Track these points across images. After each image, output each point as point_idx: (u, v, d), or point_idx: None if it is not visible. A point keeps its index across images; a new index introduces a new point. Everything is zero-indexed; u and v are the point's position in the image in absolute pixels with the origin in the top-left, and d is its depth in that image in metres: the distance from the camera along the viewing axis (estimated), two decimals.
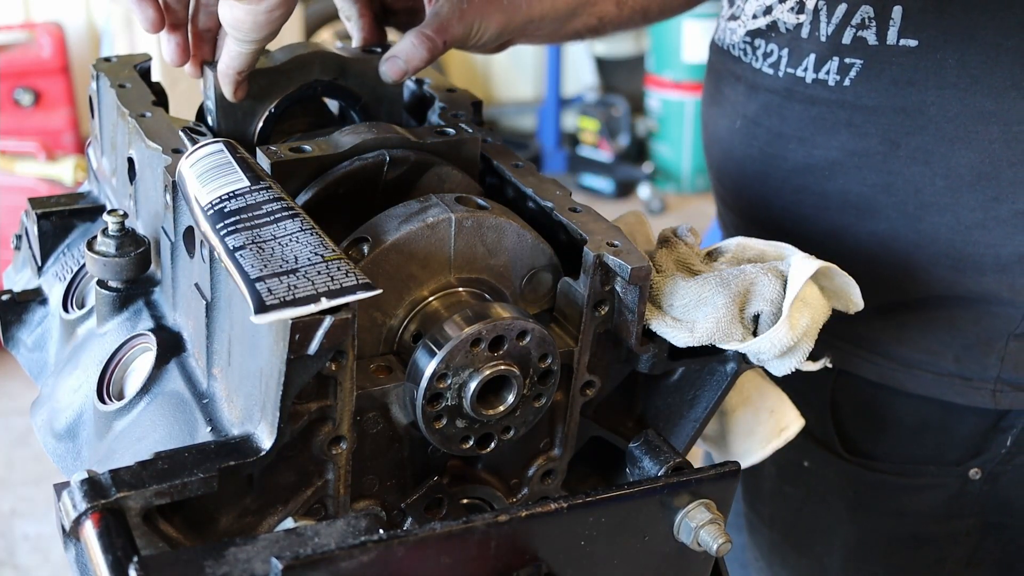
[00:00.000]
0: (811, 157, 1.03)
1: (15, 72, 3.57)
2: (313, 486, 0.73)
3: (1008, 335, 1.01)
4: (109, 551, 0.60)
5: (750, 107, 1.08)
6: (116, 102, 0.91)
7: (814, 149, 1.02)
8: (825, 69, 0.99)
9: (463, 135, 0.86)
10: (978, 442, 1.06)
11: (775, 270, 0.80)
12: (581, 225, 0.79)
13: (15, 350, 0.98)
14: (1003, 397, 1.03)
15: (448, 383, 0.72)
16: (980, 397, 1.04)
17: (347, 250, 0.75)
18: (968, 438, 1.06)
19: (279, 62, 0.90)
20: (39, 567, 2.62)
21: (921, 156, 0.97)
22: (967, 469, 1.07)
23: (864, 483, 1.12)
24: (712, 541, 0.72)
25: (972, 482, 1.07)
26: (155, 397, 0.77)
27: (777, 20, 1.03)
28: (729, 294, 0.78)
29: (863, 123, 0.99)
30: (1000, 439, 1.05)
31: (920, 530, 1.11)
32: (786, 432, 0.95)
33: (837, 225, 1.03)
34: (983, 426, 1.06)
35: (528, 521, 0.67)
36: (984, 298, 1.00)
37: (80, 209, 1.00)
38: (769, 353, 0.78)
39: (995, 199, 0.96)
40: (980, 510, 1.09)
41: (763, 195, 1.09)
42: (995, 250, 0.97)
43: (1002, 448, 1.06)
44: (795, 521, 1.18)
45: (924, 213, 0.98)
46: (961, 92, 0.94)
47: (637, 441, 0.81)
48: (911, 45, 0.94)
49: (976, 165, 0.95)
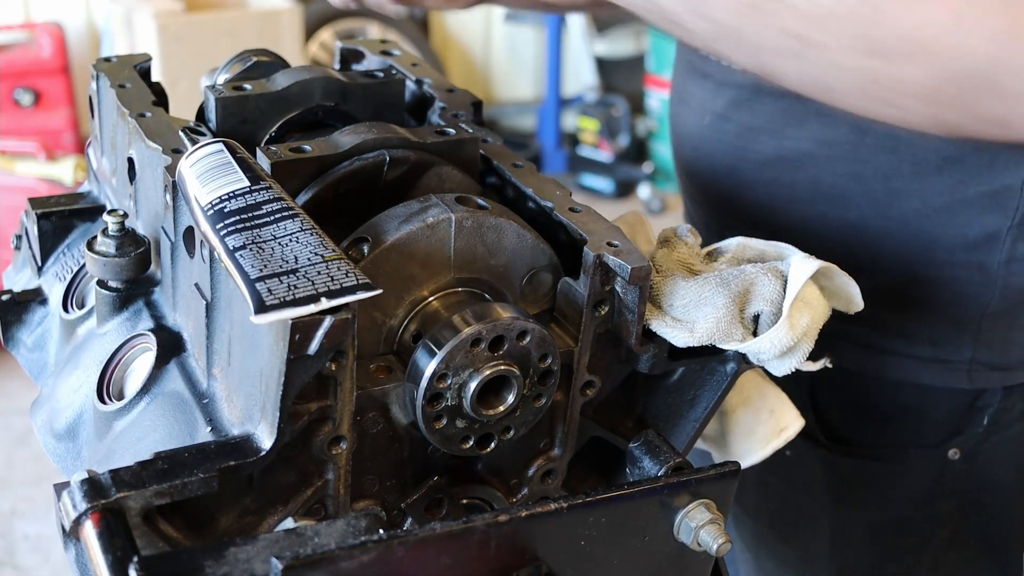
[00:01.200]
0: (782, 149, 1.04)
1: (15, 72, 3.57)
2: (313, 486, 0.73)
3: (981, 315, 1.03)
4: (109, 551, 0.60)
5: (718, 103, 1.09)
6: (116, 102, 0.91)
7: (784, 140, 1.04)
8: None
9: (463, 135, 0.86)
10: (956, 423, 1.08)
11: (775, 270, 0.80)
12: (581, 225, 0.79)
13: (15, 350, 0.98)
14: (979, 377, 1.06)
15: (448, 383, 0.72)
16: (956, 378, 1.06)
17: (347, 250, 0.75)
18: (946, 420, 1.08)
19: (280, 87, 0.90)
20: (39, 567, 2.62)
21: (888, 143, 0.99)
22: (946, 450, 1.09)
23: (846, 470, 1.13)
24: (712, 541, 0.72)
25: (951, 463, 1.09)
26: (155, 397, 0.77)
27: None
28: (729, 294, 0.78)
29: (831, 113, 0.99)
30: (977, 419, 1.08)
31: (903, 514, 1.13)
32: (786, 432, 0.96)
33: (808, 215, 1.05)
34: (960, 407, 1.08)
35: (528, 521, 0.67)
36: (955, 280, 1.02)
37: (80, 209, 1.00)
38: (769, 353, 0.78)
39: (961, 182, 0.98)
40: (960, 490, 1.11)
41: (734, 189, 1.10)
42: (963, 232, 1.00)
43: (979, 427, 1.08)
44: (779, 511, 1.19)
45: (893, 199, 1.00)
46: None
47: (637, 441, 0.81)
48: None
49: (942, 150, 0.97)
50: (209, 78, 0.96)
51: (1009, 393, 1.07)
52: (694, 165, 1.15)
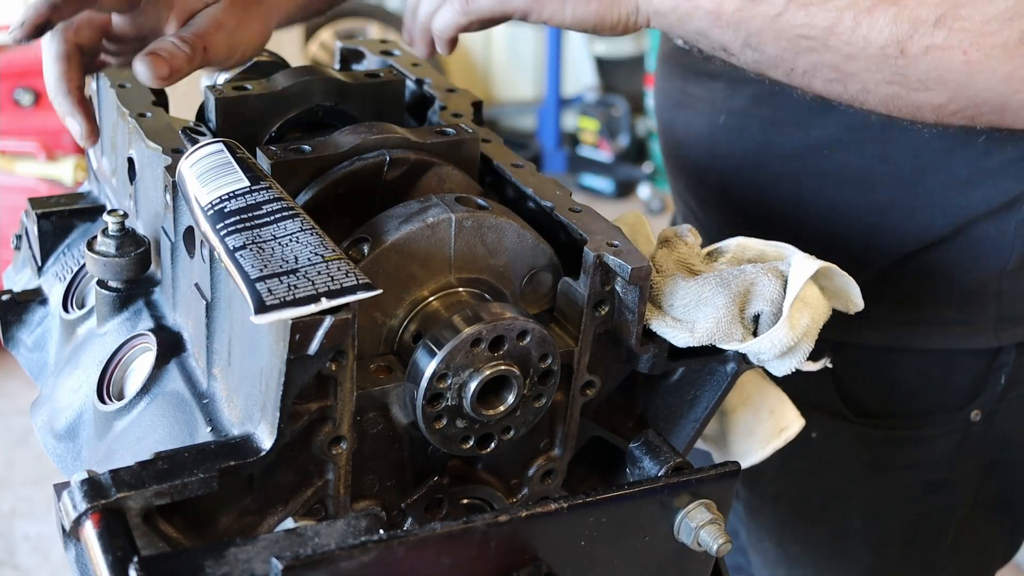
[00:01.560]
0: (808, 139, 1.05)
1: (15, 72, 3.56)
2: (313, 486, 0.73)
3: (1000, 274, 1.06)
4: (109, 551, 0.60)
5: (736, 101, 1.09)
6: (116, 102, 0.91)
7: (812, 130, 1.05)
8: None
9: (463, 135, 0.86)
10: (976, 385, 1.11)
11: (775, 270, 0.80)
12: (581, 225, 0.79)
13: (15, 350, 0.98)
14: (1004, 334, 1.09)
15: (448, 383, 0.72)
16: (983, 338, 1.09)
17: (347, 250, 0.75)
18: (967, 383, 1.12)
19: (280, 87, 0.90)
20: (39, 567, 2.62)
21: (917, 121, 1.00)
22: (968, 412, 1.12)
23: (875, 443, 1.16)
24: (712, 541, 0.72)
25: (973, 424, 1.12)
26: (155, 397, 0.77)
27: None
28: (729, 294, 0.78)
29: None
30: (995, 379, 1.11)
31: (931, 478, 1.16)
32: (786, 432, 0.96)
33: (836, 201, 1.06)
34: (979, 369, 1.11)
35: (528, 521, 0.67)
36: (976, 243, 1.05)
37: (80, 209, 1.00)
38: (769, 353, 0.78)
39: (987, 152, 1.01)
40: (980, 450, 1.14)
41: (758, 184, 1.11)
42: (987, 200, 1.02)
43: (997, 387, 1.11)
44: (804, 495, 1.21)
45: (921, 176, 1.02)
46: None
47: (637, 441, 0.81)
48: None
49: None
50: (209, 78, 0.96)
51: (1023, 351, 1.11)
52: (706, 167, 1.15)
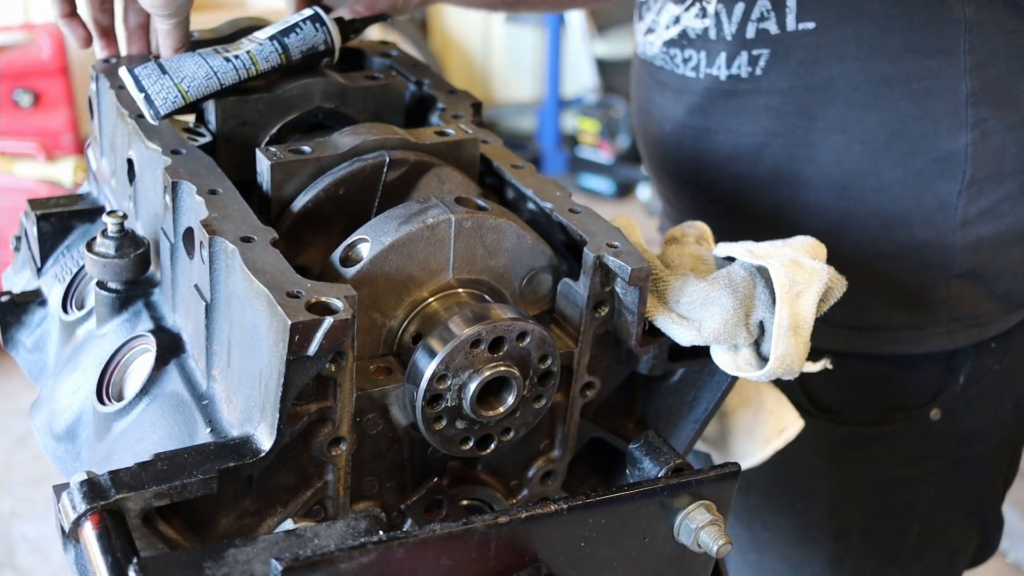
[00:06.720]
0: (739, 145, 1.10)
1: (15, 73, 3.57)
2: (313, 487, 0.73)
3: (947, 277, 1.09)
4: (108, 552, 0.60)
5: (677, 110, 1.15)
6: (115, 103, 0.91)
7: (740, 137, 1.10)
8: (736, 64, 1.07)
9: (463, 136, 0.86)
10: (935, 385, 1.15)
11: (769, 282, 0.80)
12: (581, 226, 0.79)
13: (14, 351, 0.98)
14: (958, 336, 1.11)
15: (448, 384, 0.72)
16: (936, 342, 1.11)
17: (347, 250, 0.75)
18: (926, 383, 1.15)
19: (280, 88, 0.90)
20: (38, 568, 2.62)
21: (837, 125, 1.05)
22: (928, 411, 1.15)
23: (837, 437, 1.19)
24: (712, 542, 0.72)
25: (934, 423, 1.15)
26: (154, 398, 0.77)
27: (686, 28, 1.10)
28: (736, 297, 0.78)
29: (780, 105, 1.06)
30: (954, 378, 1.14)
31: (892, 474, 1.19)
32: (786, 433, 0.96)
33: (773, 202, 1.11)
34: (937, 370, 1.14)
35: (528, 522, 0.67)
36: (917, 248, 1.07)
37: (79, 210, 1.00)
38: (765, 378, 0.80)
39: (909, 154, 1.04)
40: (945, 448, 1.17)
41: (701, 188, 1.17)
42: (917, 201, 1.05)
43: (956, 386, 1.14)
44: (772, 483, 1.23)
45: (848, 180, 1.06)
46: (861, 62, 1.01)
47: (637, 442, 0.81)
48: (810, 27, 1.02)
49: (888, 125, 1.03)
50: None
51: (980, 351, 1.13)
52: (663, 169, 1.22)
